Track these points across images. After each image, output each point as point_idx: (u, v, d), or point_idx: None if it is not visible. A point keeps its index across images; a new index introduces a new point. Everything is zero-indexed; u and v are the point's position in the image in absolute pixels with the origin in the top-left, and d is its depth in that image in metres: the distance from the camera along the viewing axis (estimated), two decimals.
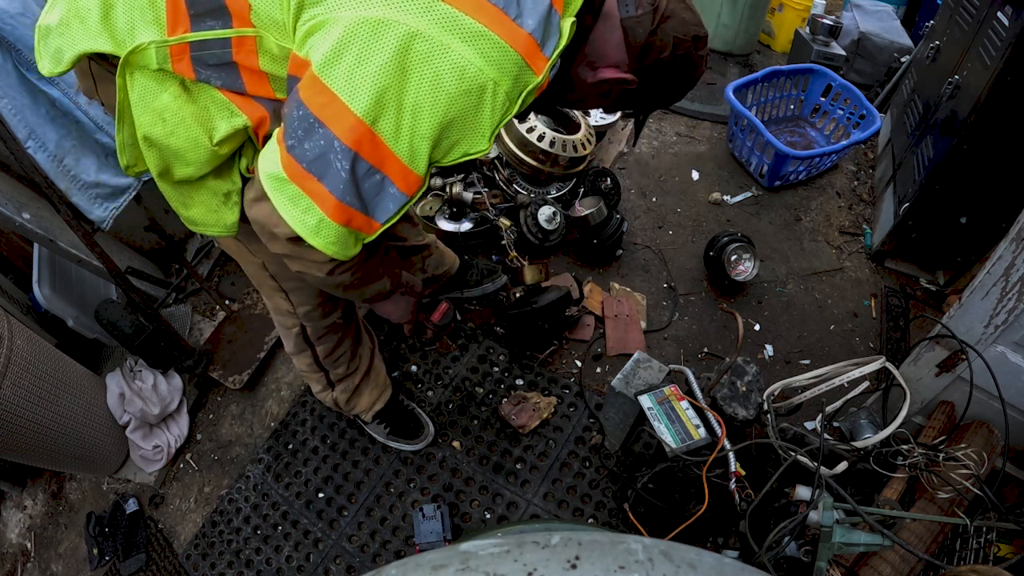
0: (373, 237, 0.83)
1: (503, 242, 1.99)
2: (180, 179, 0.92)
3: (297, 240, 0.80)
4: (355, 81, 0.70)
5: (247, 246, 1.14)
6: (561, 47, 0.78)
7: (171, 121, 0.85)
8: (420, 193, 0.82)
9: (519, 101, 0.78)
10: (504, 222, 2.08)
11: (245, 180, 0.97)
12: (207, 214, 0.97)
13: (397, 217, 0.81)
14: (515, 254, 1.95)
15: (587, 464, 1.72)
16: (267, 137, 0.88)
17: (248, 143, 0.94)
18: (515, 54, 0.73)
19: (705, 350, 1.99)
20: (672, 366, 1.50)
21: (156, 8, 0.81)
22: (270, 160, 0.78)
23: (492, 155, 2.24)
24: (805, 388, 1.37)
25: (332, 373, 1.52)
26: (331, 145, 0.73)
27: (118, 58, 0.82)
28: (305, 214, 0.77)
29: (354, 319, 1.51)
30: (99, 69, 0.90)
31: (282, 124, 0.78)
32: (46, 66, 0.88)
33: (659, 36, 0.87)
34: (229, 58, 0.82)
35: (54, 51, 0.86)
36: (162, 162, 0.90)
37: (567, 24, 0.78)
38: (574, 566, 0.44)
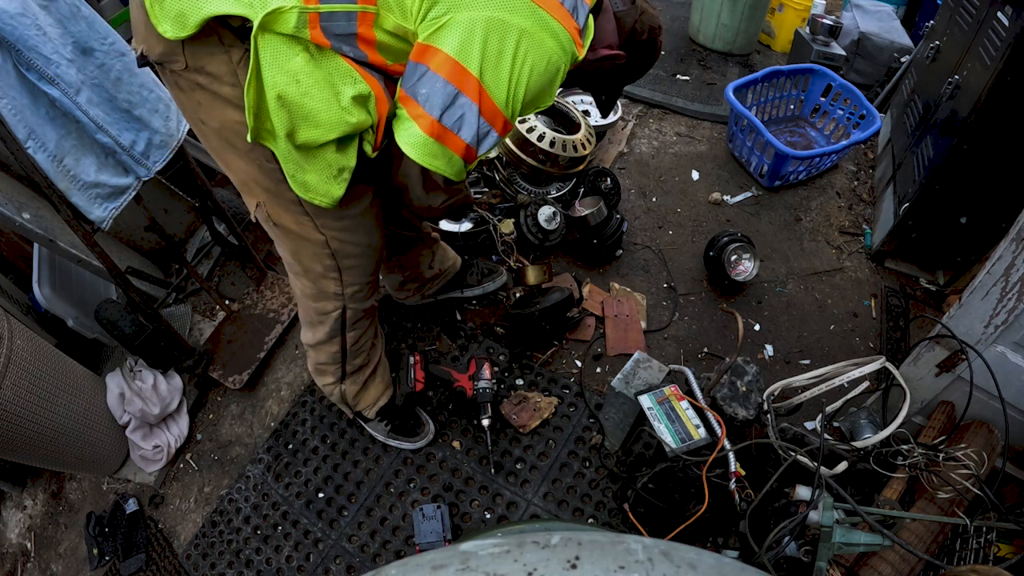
0: (473, 165, 1.11)
1: (500, 248, 1.98)
2: (302, 143, 0.99)
3: (446, 180, 1.11)
4: (484, 63, 0.94)
5: (315, 221, 1.19)
6: (590, 37, 1.06)
7: (305, 82, 0.94)
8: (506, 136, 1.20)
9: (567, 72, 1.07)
10: (504, 229, 2.07)
11: (361, 163, 1.08)
12: (320, 183, 1.05)
13: (490, 151, 1.06)
14: (517, 256, 1.94)
15: (587, 464, 1.71)
16: (389, 116, 1.04)
17: (368, 130, 1.05)
18: (573, 43, 1.00)
19: (705, 350, 1.99)
20: (672, 366, 1.50)
21: None
22: (412, 133, 0.98)
23: (492, 155, 2.24)
24: (805, 388, 1.37)
25: (350, 364, 1.54)
26: (470, 108, 0.97)
27: (239, 19, 0.90)
28: (442, 158, 1.02)
29: (376, 308, 1.55)
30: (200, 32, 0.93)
31: (414, 102, 0.97)
32: (168, 30, 0.92)
33: (639, 23, 1.21)
34: (354, 29, 0.95)
35: (175, 15, 0.91)
36: (290, 123, 0.96)
37: (590, 20, 1.06)
38: (574, 566, 0.44)
